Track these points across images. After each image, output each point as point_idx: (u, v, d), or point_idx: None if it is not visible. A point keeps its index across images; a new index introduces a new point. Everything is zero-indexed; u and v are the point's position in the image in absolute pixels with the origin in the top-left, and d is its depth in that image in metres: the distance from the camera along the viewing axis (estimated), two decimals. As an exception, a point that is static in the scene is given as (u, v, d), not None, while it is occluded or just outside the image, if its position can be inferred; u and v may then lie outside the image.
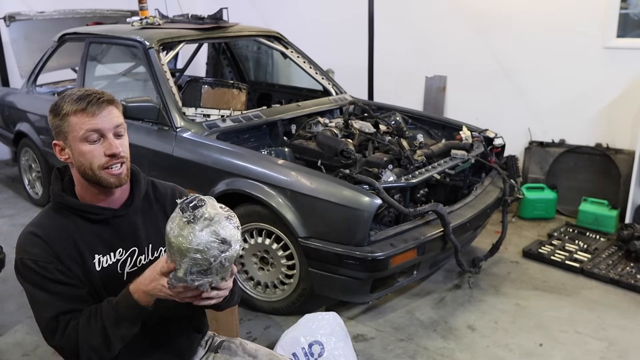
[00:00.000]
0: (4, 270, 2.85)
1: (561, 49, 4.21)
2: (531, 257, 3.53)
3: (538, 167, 4.40)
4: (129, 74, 4.29)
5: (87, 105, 1.37)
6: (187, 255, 1.23)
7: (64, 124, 1.39)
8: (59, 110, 1.39)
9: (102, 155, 1.39)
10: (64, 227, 1.43)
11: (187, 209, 1.23)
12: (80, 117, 1.37)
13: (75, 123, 1.37)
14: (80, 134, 1.38)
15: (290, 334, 2.29)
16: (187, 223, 1.22)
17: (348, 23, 5.42)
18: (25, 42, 4.76)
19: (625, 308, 2.97)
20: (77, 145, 1.39)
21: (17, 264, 1.41)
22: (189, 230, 1.22)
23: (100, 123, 1.38)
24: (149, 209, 1.56)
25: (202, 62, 5.24)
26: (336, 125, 3.41)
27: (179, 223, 1.23)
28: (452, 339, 2.72)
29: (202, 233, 1.22)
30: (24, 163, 4.63)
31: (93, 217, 1.45)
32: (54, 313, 1.38)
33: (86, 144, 1.38)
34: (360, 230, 2.48)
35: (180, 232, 1.23)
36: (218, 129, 3.12)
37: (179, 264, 1.25)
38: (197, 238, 1.22)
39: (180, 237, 1.22)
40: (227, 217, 1.27)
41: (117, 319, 1.35)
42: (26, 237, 1.42)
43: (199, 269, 1.24)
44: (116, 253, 1.48)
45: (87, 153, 1.38)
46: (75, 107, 1.37)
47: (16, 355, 2.64)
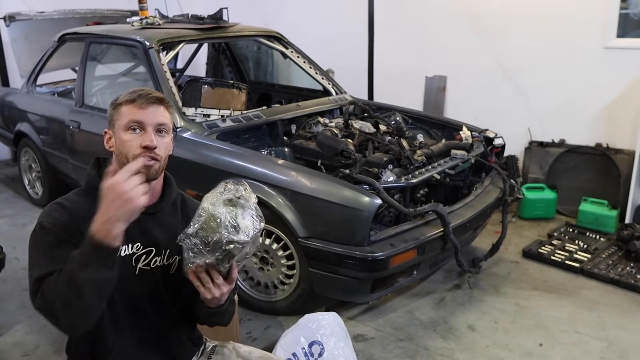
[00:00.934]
0: (4, 270, 2.84)
1: (561, 49, 4.21)
2: (531, 257, 3.53)
3: (538, 167, 4.40)
4: (129, 74, 4.29)
5: (137, 97, 1.47)
6: (204, 215, 1.35)
7: (115, 112, 1.49)
8: (115, 100, 1.50)
9: (138, 146, 1.45)
10: (92, 209, 1.39)
11: (229, 193, 1.38)
12: (129, 107, 1.47)
13: (123, 112, 1.47)
14: (124, 122, 1.46)
15: (290, 334, 2.29)
16: (220, 193, 1.38)
17: (348, 23, 5.42)
18: (25, 42, 4.76)
19: (625, 308, 2.97)
20: (119, 133, 1.47)
21: (35, 229, 1.43)
22: (218, 198, 1.37)
23: (144, 116, 1.46)
24: (173, 217, 1.60)
25: (202, 62, 5.24)
26: (336, 125, 3.41)
27: (217, 190, 1.40)
28: (452, 339, 2.72)
29: (224, 207, 1.36)
30: (24, 163, 4.63)
31: None
32: (41, 274, 1.34)
33: (127, 132, 1.46)
34: (360, 230, 2.48)
35: (213, 196, 1.38)
36: (218, 129, 3.12)
37: (195, 221, 1.36)
38: (219, 206, 1.36)
39: (210, 198, 1.38)
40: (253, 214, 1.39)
41: (83, 264, 1.26)
42: (52, 206, 1.46)
43: (204, 235, 1.34)
44: (134, 246, 1.50)
45: (126, 142, 1.45)
46: (127, 98, 1.48)
47: (16, 355, 2.64)
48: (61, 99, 4.31)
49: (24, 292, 3.19)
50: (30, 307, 2.98)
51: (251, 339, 2.71)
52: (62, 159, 4.02)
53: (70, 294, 1.26)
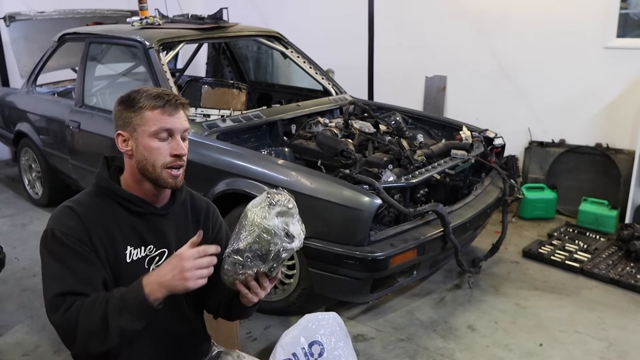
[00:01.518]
0: (4, 270, 2.85)
1: (561, 49, 4.21)
2: (531, 257, 3.53)
3: (538, 167, 4.40)
4: (129, 74, 4.29)
5: (165, 104, 1.42)
6: (256, 230, 1.33)
7: (136, 116, 1.42)
8: (134, 102, 1.42)
9: (167, 154, 1.43)
10: (103, 211, 1.43)
11: (272, 196, 1.36)
12: (156, 114, 1.41)
13: (149, 118, 1.41)
14: (152, 130, 1.41)
15: (290, 334, 2.29)
16: (269, 205, 1.35)
17: (348, 23, 5.42)
18: (25, 42, 4.76)
19: (625, 308, 2.97)
20: (145, 139, 1.42)
21: (46, 234, 1.40)
22: (267, 210, 1.34)
23: (173, 123, 1.43)
24: (184, 216, 1.58)
25: (202, 62, 5.24)
26: (336, 125, 3.41)
27: (261, 202, 1.36)
28: (452, 339, 2.72)
29: (276, 219, 1.34)
30: (24, 163, 4.63)
31: (134, 208, 1.46)
32: (62, 290, 1.34)
33: (155, 140, 1.42)
34: (360, 230, 2.48)
35: (260, 209, 1.35)
36: (218, 129, 3.12)
37: (244, 237, 1.34)
38: (271, 219, 1.33)
39: (259, 211, 1.34)
40: (298, 219, 1.39)
41: (122, 309, 1.30)
42: (62, 210, 1.42)
43: (258, 248, 1.33)
44: (147, 248, 1.49)
45: (154, 149, 1.42)
46: (154, 103, 1.41)
47: (16, 355, 2.64)
48: (61, 99, 4.31)
49: (23, 292, 3.19)
50: (30, 307, 3.00)
51: (251, 339, 2.71)
52: (62, 159, 4.02)
53: (98, 331, 1.30)
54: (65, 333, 1.35)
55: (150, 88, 1.47)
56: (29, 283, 3.28)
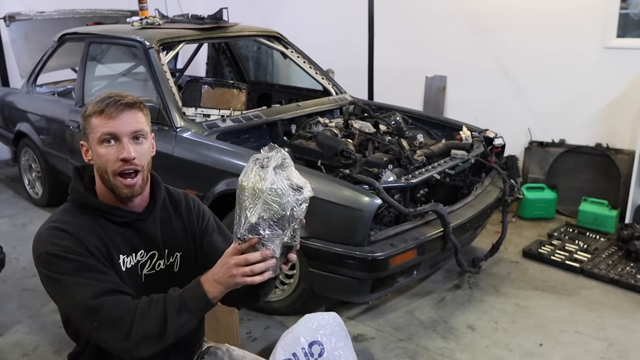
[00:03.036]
0: (4, 270, 2.84)
1: (561, 49, 4.21)
2: (531, 257, 3.53)
3: (538, 167, 4.40)
4: (129, 74, 4.29)
5: (105, 107, 1.37)
6: (261, 196, 1.20)
7: (87, 124, 1.40)
8: (84, 111, 1.41)
9: (115, 160, 1.38)
10: (89, 225, 1.40)
11: (259, 158, 1.23)
12: (99, 119, 1.37)
13: (94, 124, 1.38)
14: (97, 136, 1.38)
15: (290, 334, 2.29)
16: (262, 167, 1.22)
17: (348, 23, 5.42)
18: (25, 42, 4.76)
19: (625, 308, 2.97)
20: (95, 146, 1.39)
21: (42, 258, 1.33)
22: (264, 172, 1.21)
23: (116, 126, 1.37)
24: (166, 214, 1.56)
25: (202, 62, 5.24)
26: (336, 125, 3.41)
27: (253, 168, 1.22)
28: (452, 339, 2.72)
29: (274, 176, 1.20)
30: (24, 163, 4.63)
31: (117, 219, 1.44)
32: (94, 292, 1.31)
33: (102, 146, 1.38)
34: (360, 230, 2.48)
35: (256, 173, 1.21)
36: (218, 129, 3.12)
37: (252, 209, 1.21)
38: (272, 178, 1.20)
39: (257, 176, 1.21)
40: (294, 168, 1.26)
41: (181, 308, 1.31)
42: (51, 232, 1.36)
43: (271, 215, 1.21)
44: (137, 254, 1.47)
45: (102, 156, 1.38)
46: (95, 108, 1.38)
47: (16, 355, 2.64)
48: (61, 99, 4.31)
49: (23, 292, 3.19)
50: (30, 307, 3.00)
51: (251, 339, 2.71)
52: (62, 159, 4.03)
53: (155, 330, 1.30)
54: (116, 333, 1.30)
55: (104, 92, 1.42)
56: (29, 283, 3.28)
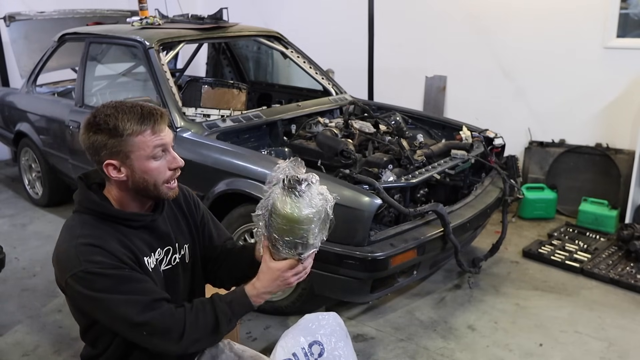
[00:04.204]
0: (4, 270, 2.84)
1: (561, 49, 4.21)
2: (531, 257, 3.53)
3: (538, 167, 4.40)
4: (129, 74, 4.29)
5: (154, 124, 1.40)
6: (317, 220, 1.37)
7: (125, 143, 1.38)
8: (118, 130, 1.37)
9: (166, 170, 1.44)
10: (112, 234, 1.43)
11: (295, 185, 1.35)
12: (147, 136, 1.39)
13: (141, 142, 1.39)
14: (148, 152, 1.40)
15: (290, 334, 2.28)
16: (301, 195, 1.35)
17: (348, 23, 5.42)
18: (25, 42, 4.76)
19: (625, 308, 2.97)
20: (142, 163, 1.40)
21: (79, 277, 1.34)
22: (309, 200, 1.35)
23: (165, 138, 1.42)
24: (170, 210, 1.61)
25: (202, 62, 5.24)
26: (336, 125, 3.41)
27: (296, 200, 1.35)
28: (452, 339, 2.72)
29: (315, 199, 1.36)
30: (24, 163, 4.63)
31: (134, 224, 1.48)
32: (139, 308, 1.35)
33: (153, 161, 1.41)
34: (360, 230, 2.48)
35: (304, 204, 1.35)
36: (218, 129, 3.12)
37: (308, 234, 1.38)
38: (315, 203, 1.36)
39: (307, 210, 1.35)
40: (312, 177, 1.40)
41: (231, 318, 1.44)
42: (81, 249, 1.36)
43: (320, 226, 1.39)
44: (156, 253, 1.52)
45: (154, 170, 1.42)
46: (142, 128, 1.39)
47: (16, 355, 2.64)
48: (61, 99, 4.31)
49: (23, 292, 3.19)
50: (30, 307, 3.00)
51: (251, 339, 2.71)
52: (62, 159, 4.02)
53: (208, 336, 1.43)
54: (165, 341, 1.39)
55: (125, 108, 1.40)
56: (29, 283, 3.28)
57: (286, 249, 1.41)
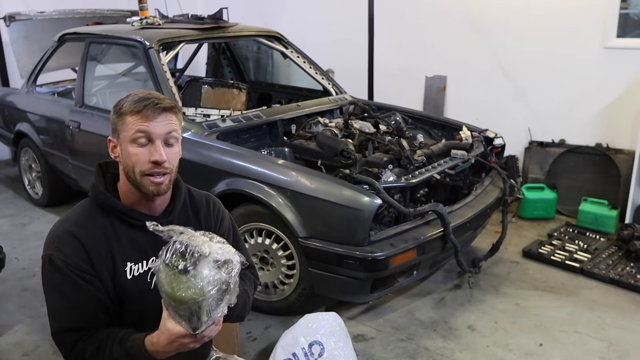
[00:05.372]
0: (4, 270, 2.85)
1: (561, 49, 4.21)
2: (531, 257, 3.53)
3: (538, 167, 4.40)
4: (129, 74, 4.29)
5: (143, 108, 1.37)
6: (204, 300, 1.18)
7: (119, 122, 1.40)
8: (119, 107, 1.40)
9: (146, 161, 1.38)
10: (103, 229, 1.41)
11: (178, 262, 1.17)
12: (134, 118, 1.37)
13: (128, 123, 1.38)
14: (130, 135, 1.37)
15: (290, 334, 2.29)
16: (185, 273, 1.17)
17: (348, 23, 5.42)
18: (25, 42, 4.76)
19: (625, 308, 2.97)
20: (126, 145, 1.39)
21: (46, 259, 1.38)
22: (193, 280, 1.17)
23: (151, 127, 1.37)
24: (185, 217, 1.54)
25: (202, 62, 5.24)
26: (336, 125, 3.41)
27: (178, 279, 1.17)
28: (452, 339, 2.72)
29: (205, 272, 1.17)
30: (24, 163, 4.63)
31: (134, 222, 1.43)
32: (63, 327, 1.38)
33: (134, 145, 1.38)
34: (360, 230, 2.48)
35: (187, 286, 1.16)
36: (218, 129, 3.12)
37: (199, 312, 1.20)
38: (204, 280, 1.17)
39: (190, 291, 1.16)
40: (209, 239, 1.23)
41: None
42: (63, 235, 1.39)
43: (217, 299, 1.21)
44: (149, 262, 1.46)
45: (133, 155, 1.38)
46: (133, 107, 1.37)
47: (16, 355, 2.64)
48: (61, 99, 4.31)
49: (23, 292, 3.19)
50: (30, 307, 3.00)
51: (251, 339, 2.71)
52: (62, 159, 4.02)
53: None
54: (66, 356, 1.40)
55: (140, 91, 1.42)
56: (29, 283, 3.28)
57: (178, 319, 1.23)
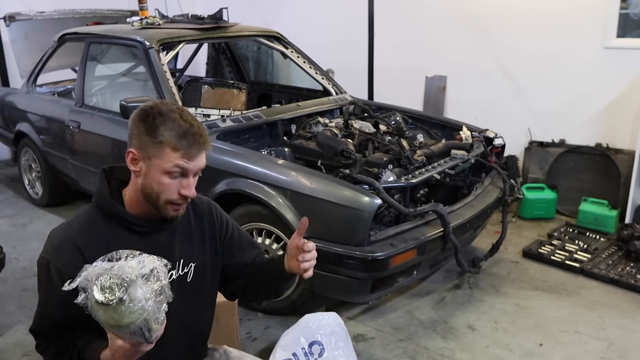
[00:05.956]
0: (4, 270, 2.85)
1: (561, 49, 4.21)
2: (531, 257, 3.53)
3: (538, 167, 4.40)
4: (129, 74, 4.29)
5: (188, 147, 1.33)
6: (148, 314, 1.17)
7: (155, 148, 1.33)
8: (157, 132, 1.33)
9: (175, 192, 1.36)
10: (105, 235, 1.40)
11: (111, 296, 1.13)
12: (176, 154, 1.33)
13: (167, 155, 1.33)
14: (167, 167, 1.33)
15: (290, 334, 2.29)
16: (122, 303, 1.13)
17: (348, 23, 5.42)
18: (25, 42, 4.76)
19: (625, 308, 2.97)
20: (157, 173, 1.35)
21: (42, 263, 1.37)
22: (132, 305, 1.14)
23: (190, 165, 1.35)
24: (187, 224, 1.54)
25: (202, 62, 5.24)
26: (336, 125, 3.41)
27: (117, 310, 1.14)
28: (452, 339, 2.72)
29: (139, 292, 1.15)
30: (24, 163, 4.63)
31: (137, 229, 1.42)
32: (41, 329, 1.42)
33: (167, 177, 1.35)
34: (360, 230, 2.48)
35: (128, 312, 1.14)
36: (218, 129, 3.12)
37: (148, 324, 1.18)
38: (141, 299, 1.15)
39: (133, 315, 1.15)
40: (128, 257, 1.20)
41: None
42: (63, 242, 1.38)
43: (158, 305, 1.19)
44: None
45: (163, 185, 1.35)
46: (177, 144, 1.32)
47: (16, 355, 2.64)
48: (61, 99, 4.31)
49: (23, 292, 3.19)
50: (30, 307, 3.00)
51: (251, 339, 2.71)
52: (62, 159, 4.02)
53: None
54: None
55: (176, 117, 1.34)
56: (29, 283, 3.28)
57: (130, 337, 1.20)
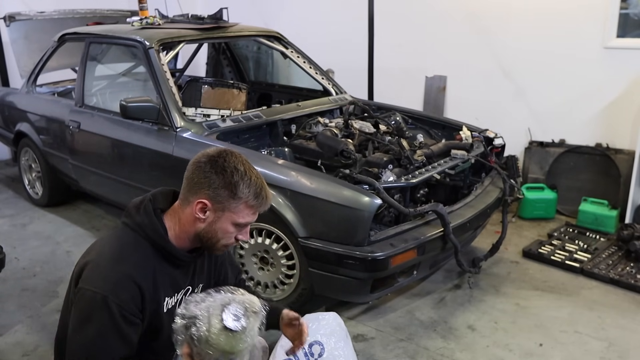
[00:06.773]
0: (4, 270, 2.84)
1: (561, 49, 4.21)
2: (531, 257, 3.53)
3: (538, 167, 4.40)
4: (129, 74, 4.29)
5: (260, 206, 1.52)
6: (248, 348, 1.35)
7: (233, 202, 1.48)
8: (237, 189, 1.47)
9: (233, 237, 1.54)
10: (153, 267, 1.48)
11: (243, 320, 1.32)
12: (250, 210, 1.51)
13: (242, 210, 1.49)
14: (238, 220, 1.50)
15: (290, 334, 2.28)
16: (244, 330, 1.32)
17: (348, 23, 5.42)
18: (25, 42, 4.76)
19: (625, 308, 2.97)
20: (227, 223, 1.50)
21: (95, 298, 1.36)
22: (247, 335, 1.33)
23: (254, 219, 1.55)
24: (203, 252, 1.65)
25: (202, 62, 5.24)
26: (336, 125, 3.41)
27: (238, 338, 1.32)
28: (452, 339, 2.72)
29: (254, 329, 1.35)
30: (24, 163, 4.63)
31: (180, 262, 1.53)
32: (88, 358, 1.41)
33: (233, 227, 1.51)
34: (360, 230, 2.48)
35: (243, 340, 1.32)
36: (218, 129, 3.12)
37: (247, 354, 1.37)
38: (252, 331, 1.34)
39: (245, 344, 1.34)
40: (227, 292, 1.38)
41: None
42: (123, 279, 1.40)
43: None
44: (179, 293, 1.56)
45: (228, 233, 1.51)
46: (253, 203, 1.50)
47: (16, 355, 2.64)
48: (61, 99, 4.31)
49: (23, 292, 3.19)
50: (30, 307, 3.00)
51: (251, 339, 2.71)
52: (62, 159, 4.02)
53: None
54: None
55: (253, 174, 1.50)
56: (29, 283, 3.28)
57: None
